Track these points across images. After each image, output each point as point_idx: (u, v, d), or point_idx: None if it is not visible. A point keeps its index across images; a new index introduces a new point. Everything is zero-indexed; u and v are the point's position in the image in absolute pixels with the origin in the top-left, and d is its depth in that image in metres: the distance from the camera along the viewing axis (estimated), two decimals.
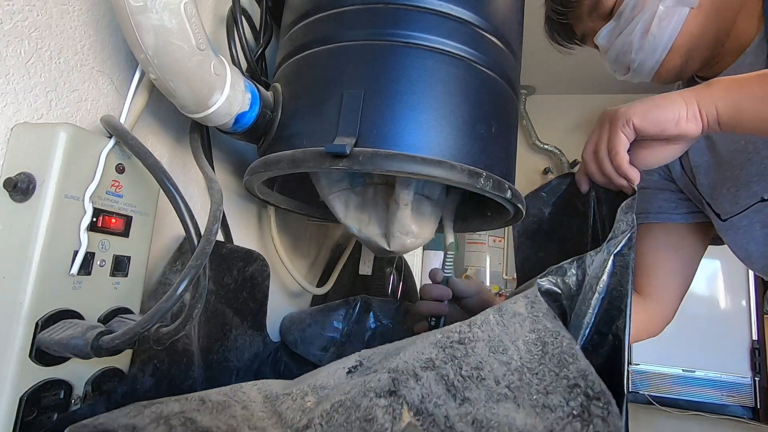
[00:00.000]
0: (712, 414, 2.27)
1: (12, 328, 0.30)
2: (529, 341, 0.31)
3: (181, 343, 0.41)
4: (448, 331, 0.32)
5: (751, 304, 2.35)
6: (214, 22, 0.53)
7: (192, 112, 0.39)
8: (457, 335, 0.32)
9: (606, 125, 0.47)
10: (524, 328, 0.31)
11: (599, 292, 0.37)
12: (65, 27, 0.36)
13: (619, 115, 0.45)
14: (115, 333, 0.30)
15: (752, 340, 2.31)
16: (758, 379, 2.26)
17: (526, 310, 0.33)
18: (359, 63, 0.42)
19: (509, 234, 2.86)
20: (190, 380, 0.42)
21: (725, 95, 0.43)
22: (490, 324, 0.32)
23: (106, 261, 0.35)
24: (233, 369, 0.51)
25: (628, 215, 0.40)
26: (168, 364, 0.40)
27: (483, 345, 0.30)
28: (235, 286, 0.50)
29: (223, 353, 0.50)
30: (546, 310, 0.32)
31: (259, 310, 0.55)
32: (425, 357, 0.30)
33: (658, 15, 0.55)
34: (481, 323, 0.32)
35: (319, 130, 0.41)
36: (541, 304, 0.33)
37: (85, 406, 0.33)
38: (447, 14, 0.43)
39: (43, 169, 0.31)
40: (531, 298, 0.34)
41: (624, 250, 0.38)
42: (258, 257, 0.52)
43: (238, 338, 0.52)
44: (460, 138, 0.41)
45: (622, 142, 0.45)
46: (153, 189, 0.39)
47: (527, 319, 0.32)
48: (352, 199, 0.52)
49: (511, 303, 0.34)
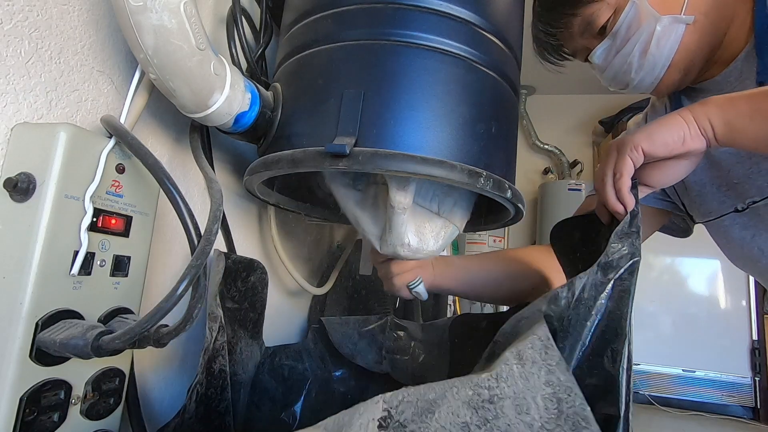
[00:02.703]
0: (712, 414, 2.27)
1: (12, 328, 0.30)
2: (546, 397, 0.31)
3: (218, 364, 0.41)
4: (478, 386, 0.32)
5: (751, 304, 2.35)
6: (214, 22, 0.53)
7: (192, 112, 0.39)
8: (486, 392, 0.32)
9: (613, 153, 0.48)
10: (540, 379, 0.32)
11: (596, 314, 0.38)
12: (65, 27, 0.36)
13: (626, 142, 0.46)
14: (115, 333, 0.30)
15: (752, 340, 2.31)
16: (758, 379, 2.26)
17: (541, 357, 0.33)
18: (359, 63, 0.41)
19: (509, 234, 2.86)
20: (225, 402, 0.42)
21: (718, 113, 0.44)
22: (515, 377, 0.32)
23: (106, 261, 0.35)
24: (241, 383, 0.51)
25: (626, 240, 0.41)
26: (206, 388, 0.40)
27: (510, 404, 0.31)
28: (239, 298, 0.50)
29: (233, 367, 0.49)
30: (558, 359, 0.33)
31: (257, 320, 0.54)
32: (461, 421, 0.31)
33: (656, 35, 0.56)
34: (507, 376, 0.32)
35: (319, 130, 0.41)
36: (554, 350, 0.33)
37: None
38: (447, 14, 0.43)
39: (43, 169, 0.31)
40: (545, 342, 0.34)
41: (624, 275, 0.39)
42: (258, 266, 0.52)
43: (243, 350, 0.52)
44: (460, 138, 0.41)
45: (628, 166, 0.46)
46: (153, 189, 0.39)
47: (542, 369, 0.33)
48: (352, 195, 0.52)
49: (528, 348, 0.34)
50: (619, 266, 0.39)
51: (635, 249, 0.40)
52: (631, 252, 0.40)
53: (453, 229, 0.52)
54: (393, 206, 0.46)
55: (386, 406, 0.33)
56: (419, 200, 0.49)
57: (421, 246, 0.49)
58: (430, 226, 0.50)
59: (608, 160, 0.49)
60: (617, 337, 0.37)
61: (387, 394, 0.33)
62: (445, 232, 0.51)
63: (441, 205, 0.51)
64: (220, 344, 0.42)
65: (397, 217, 0.47)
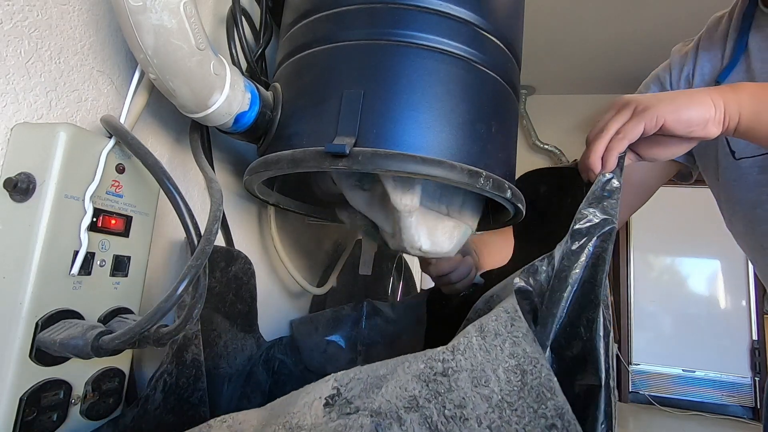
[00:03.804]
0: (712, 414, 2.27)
1: (12, 328, 0.30)
2: (509, 369, 0.30)
3: (190, 354, 0.40)
4: (432, 359, 0.31)
5: (751, 304, 2.35)
6: (214, 22, 0.53)
7: (192, 112, 0.39)
8: (440, 365, 0.30)
9: (627, 111, 0.45)
10: (504, 352, 0.30)
11: (572, 285, 0.37)
12: (65, 27, 0.36)
13: (649, 108, 0.43)
14: (115, 333, 0.30)
15: (752, 340, 2.31)
16: (758, 379, 2.26)
17: (506, 329, 0.31)
18: (359, 63, 0.42)
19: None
20: (200, 392, 0.41)
21: (751, 103, 0.43)
22: (473, 349, 0.31)
23: (106, 261, 0.35)
24: (225, 376, 0.50)
25: (598, 206, 0.39)
26: (176, 378, 0.39)
27: (466, 376, 0.30)
28: (220, 289, 0.49)
29: (213, 360, 0.48)
30: (526, 330, 0.31)
31: (248, 312, 0.53)
32: (408, 395, 0.29)
33: None
34: (465, 348, 0.31)
35: (319, 130, 0.41)
36: (520, 322, 0.32)
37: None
38: (447, 14, 0.43)
39: (43, 169, 0.31)
40: (511, 314, 0.32)
41: (597, 243, 0.38)
42: (239, 255, 0.51)
43: (228, 344, 0.51)
44: (459, 138, 0.41)
45: (636, 132, 0.43)
46: (153, 189, 0.39)
47: (507, 341, 0.31)
48: (360, 196, 0.52)
49: (492, 320, 0.32)
50: (590, 233, 0.38)
51: (608, 215, 0.38)
52: (604, 218, 0.38)
53: (465, 228, 0.52)
54: (399, 209, 0.45)
55: (336, 384, 0.32)
56: (427, 202, 0.49)
57: (435, 249, 0.49)
58: (442, 228, 0.50)
59: (618, 116, 0.45)
60: (591, 305, 0.36)
61: (339, 373, 0.32)
62: (458, 232, 0.51)
63: (449, 206, 0.51)
64: (193, 333, 0.40)
65: (406, 220, 0.46)
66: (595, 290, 0.36)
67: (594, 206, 0.39)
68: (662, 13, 2.24)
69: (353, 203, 0.52)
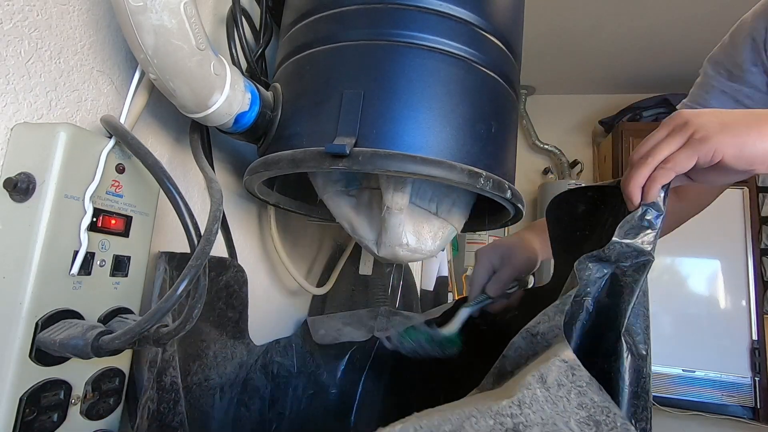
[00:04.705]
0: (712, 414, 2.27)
1: (12, 328, 0.30)
2: (581, 421, 0.28)
3: (168, 377, 0.39)
4: (499, 414, 0.28)
5: (751, 304, 2.35)
6: (214, 22, 0.53)
7: (192, 112, 0.39)
8: (510, 421, 0.28)
9: (681, 136, 0.40)
10: (572, 402, 0.29)
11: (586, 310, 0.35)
12: (65, 27, 0.36)
13: (707, 139, 0.38)
14: (115, 333, 0.30)
15: (752, 340, 2.31)
16: (758, 379, 2.26)
17: (568, 378, 0.30)
18: (359, 63, 0.42)
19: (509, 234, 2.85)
20: (180, 416, 0.40)
21: None
22: (540, 402, 0.29)
23: (106, 261, 0.35)
24: (216, 387, 0.49)
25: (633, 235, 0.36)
26: (157, 403, 0.38)
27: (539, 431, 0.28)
28: (209, 298, 0.48)
29: (203, 372, 0.47)
30: (589, 379, 0.30)
31: (238, 319, 0.52)
32: None
33: None
34: (530, 401, 0.29)
35: (319, 130, 0.41)
36: (581, 370, 0.30)
37: None
38: (447, 14, 0.43)
39: (43, 169, 0.31)
40: (570, 363, 0.30)
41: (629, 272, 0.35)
42: (231, 264, 0.50)
43: (218, 353, 0.49)
44: (459, 138, 0.41)
45: (687, 164, 0.38)
46: (153, 189, 0.39)
47: (572, 391, 0.29)
48: (346, 201, 0.52)
49: (552, 370, 0.30)
50: (618, 261, 0.36)
51: (643, 248, 0.35)
52: (638, 250, 0.36)
53: (451, 229, 0.52)
54: (389, 207, 0.45)
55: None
56: (417, 201, 0.49)
57: (420, 246, 0.49)
58: (428, 227, 0.50)
59: (671, 139, 0.40)
60: (611, 333, 0.34)
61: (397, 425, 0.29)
62: (443, 233, 0.51)
63: (439, 205, 0.51)
64: (169, 355, 0.39)
65: (394, 218, 0.46)
66: (616, 321, 0.34)
67: (630, 236, 0.36)
68: (662, 13, 2.24)
69: (336, 210, 0.52)
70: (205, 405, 0.48)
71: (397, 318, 0.65)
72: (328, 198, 0.52)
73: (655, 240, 0.36)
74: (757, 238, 2.39)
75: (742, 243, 2.36)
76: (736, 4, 2.18)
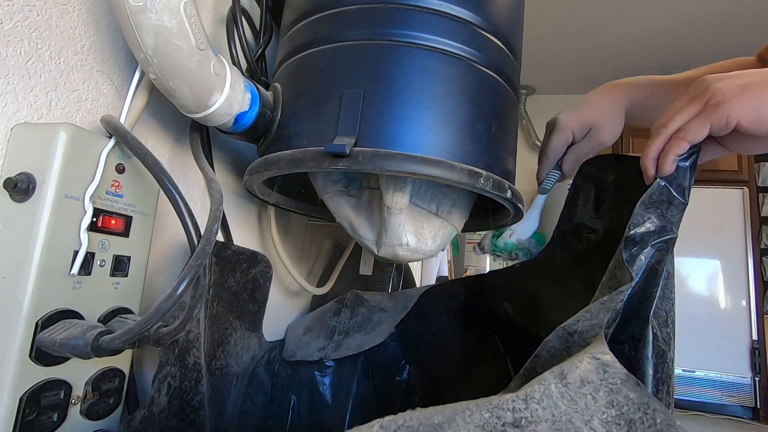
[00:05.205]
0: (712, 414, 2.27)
1: (12, 328, 0.30)
2: (609, 420, 0.24)
3: (192, 356, 0.40)
4: (498, 407, 0.25)
5: (751, 304, 2.35)
6: (214, 22, 0.53)
7: (192, 112, 0.39)
8: (509, 415, 0.25)
9: (698, 103, 0.37)
10: (598, 401, 0.25)
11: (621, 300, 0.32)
12: (65, 27, 0.36)
13: (721, 104, 0.35)
14: (115, 333, 0.30)
15: (752, 340, 2.31)
16: (758, 379, 2.26)
17: (597, 376, 0.26)
18: (359, 63, 0.42)
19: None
20: (200, 395, 0.41)
21: None
22: (553, 398, 0.25)
23: (106, 261, 0.35)
24: (233, 375, 0.51)
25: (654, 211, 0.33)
26: (179, 381, 0.39)
27: (546, 428, 0.24)
28: (237, 289, 0.50)
29: (225, 359, 0.49)
30: (625, 376, 0.26)
31: (257, 311, 0.54)
32: None
33: None
34: (541, 397, 0.25)
35: (319, 130, 0.41)
36: (615, 368, 0.26)
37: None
38: (447, 14, 0.43)
39: (43, 169, 0.31)
40: (602, 360, 0.27)
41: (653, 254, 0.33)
42: (262, 259, 0.52)
43: (237, 342, 0.51)
44: (459, 138, 0.41)
45: (700, 135, 0.36)
46: (153, 189, 0.39)
47: (601, 389, 0.25)
48: (346, 201, 0.52)
49: (575, 367, 0.27)
50: (644, 241, 0.33)
51: (666, 222, 0.33)
52: (661, 226, 0.33)
53: (451, 229, 0.52)
54: (389, 207, 0.45)
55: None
56: (417, 201, 0.49)
57: (420, 246, 0.49)
58: (429, 227, 0.50)
59: (688, 107, 0.37)
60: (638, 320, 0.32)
61: (386, 419, 0.27)
62: (443, 233, 0.51)
63: (439, 205, 0.51)
64: (194, 336, 0.40)
65: (394, 218, 0.46)
66: (644, 305, 0.32)
67: (651, 210, 0.34)
68: (662, 13, 2.24)
69: (336, 210, 0.52)
70: (223, 391, 0.49)
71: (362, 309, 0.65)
72: (328, 198, 0.52)
73: (680, 214, 0.34)
74: (757, 238, 2.39)
75: (742, 243, 2.37)
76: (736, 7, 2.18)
